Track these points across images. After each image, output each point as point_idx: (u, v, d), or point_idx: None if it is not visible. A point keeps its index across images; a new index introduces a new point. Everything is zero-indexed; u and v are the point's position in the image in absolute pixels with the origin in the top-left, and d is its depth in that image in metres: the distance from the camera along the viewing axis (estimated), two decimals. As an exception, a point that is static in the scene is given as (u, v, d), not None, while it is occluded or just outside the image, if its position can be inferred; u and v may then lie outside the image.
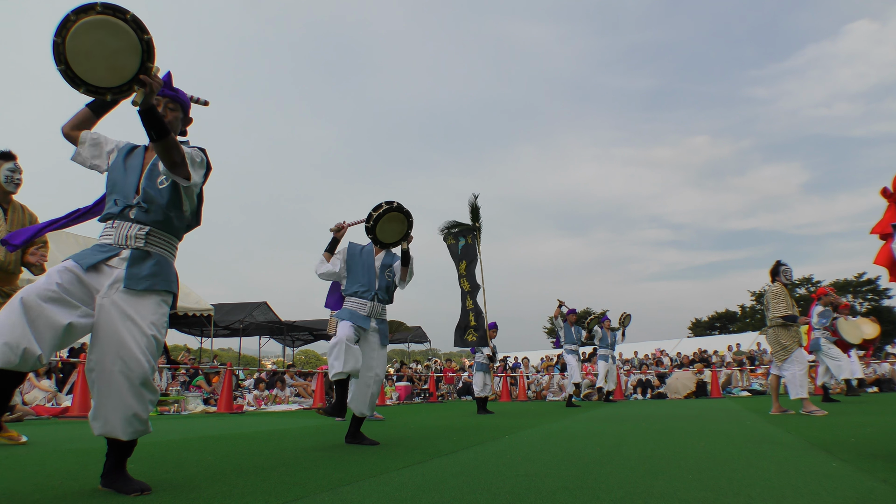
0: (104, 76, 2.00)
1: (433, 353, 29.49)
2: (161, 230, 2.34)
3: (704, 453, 3.27)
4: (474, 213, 9.44)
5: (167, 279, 2.31)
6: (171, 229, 2.39)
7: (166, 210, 2.34)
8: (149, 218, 2.30)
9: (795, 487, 2.20)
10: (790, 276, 6.72)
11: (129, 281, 2.18)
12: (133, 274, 2.20)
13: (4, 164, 3.93)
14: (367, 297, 4.14)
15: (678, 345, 24.64)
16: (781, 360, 6.53)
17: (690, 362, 16.94)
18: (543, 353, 24.45)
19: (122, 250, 2.24)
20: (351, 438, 4.10)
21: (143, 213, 2.29)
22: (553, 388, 15.83)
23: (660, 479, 2.43)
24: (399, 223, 4.03)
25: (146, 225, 2.29)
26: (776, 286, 6.68)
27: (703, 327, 40.51)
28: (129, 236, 2.26)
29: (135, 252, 2.25)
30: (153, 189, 2.32)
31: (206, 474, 2.71)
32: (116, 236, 2.26)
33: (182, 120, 2.52)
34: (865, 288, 36.19)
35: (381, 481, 2.48)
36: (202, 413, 9.59)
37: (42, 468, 2.89)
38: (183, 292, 12.39)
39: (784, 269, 6.72)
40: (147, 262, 2.26)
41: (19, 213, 4.05)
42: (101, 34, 1.92)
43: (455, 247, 9.27)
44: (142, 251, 2.27)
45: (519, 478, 2.53)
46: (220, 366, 12.61)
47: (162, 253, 2.34)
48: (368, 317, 4.11)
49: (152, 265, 2.26)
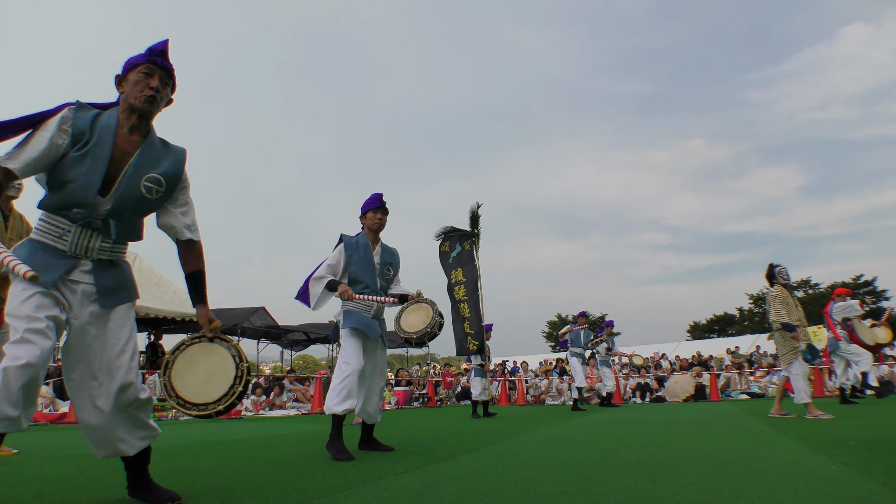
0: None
1: (431, 358, 29.43)
2: (126, 240, 2.11)
3: (704, 456, 3.27)
4: (474, 220, 9.26)
5: (133, 286, 2.12)
6: (137, 236, 2.15)
7: (140, 219, 2.12)
8: (118, 230, 2.01)
9: (795, 490, 2.19)
10: (787, 276, 6.66)
11: (103, 299, 1.97)
12: (104, 289, 1.98)
13: None
14: (369, 293, 3.90)
15: (676, 348, 24.64)
16: (787, 363, 6.52)
17: (689, 365, 16.94)
18: (542, 357, 24.43)
19: (82, 260, 1.98)
20: (365, 445, 4.01)
21: (113, 226, 1.99)
22: (552, 393, 15.81)
23: (659, 483, 2.42)
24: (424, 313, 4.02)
25: (111, 238, 2.02)
26: (776, 289, 6.63)
27: (702, 330, 40.53)
28: (90, 248, 1.99)
29: (97, 262, 2.00)
30: (130, 198, 2.01)
31: (203, 480, 2.70)
32: (73, 244, 1.96)
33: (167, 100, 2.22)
34: (863, 290, 36.28)
35: (379, 486, 2.47)
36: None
37: (40, 474, 2.88)
38: (180, 298, 12.37)
39: (779, 271, 6.66)
40: (112, 272, 2.04)
41: (18, 223, 4.06)
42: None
43: (448, 255, 9.09)
44: (104, 261, 2.03)
45: (518, 482, 2.53)
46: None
47: (122, 259, 2.13)
48: (374, 318, 3.95)
49: (118, 274, 2.06)
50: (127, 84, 2.10)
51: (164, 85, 2.13)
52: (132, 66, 2.11)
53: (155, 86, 2.08)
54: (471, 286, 8.92)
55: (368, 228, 4.06)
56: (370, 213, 4.07)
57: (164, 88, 2.13)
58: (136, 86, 2.07)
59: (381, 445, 4.00)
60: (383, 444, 4.02)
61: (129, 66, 2.12)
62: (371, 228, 4.05)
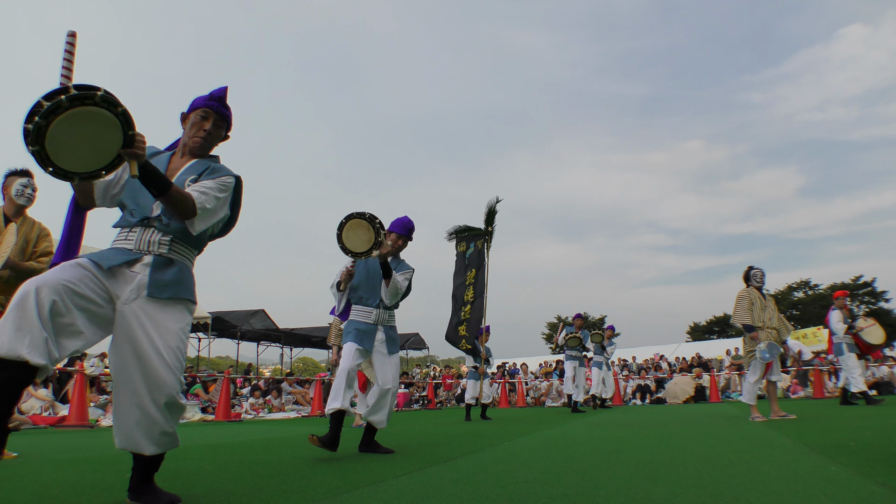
0: (92, 162, 1.87)
1: (431, 360, 29.41)
2: (183, 241, 2.22)
3: (704, 458, 3.27)
4: (490, 216, 8.92)
5: (190, 288, 2.21)
6: (194, 241, 2.28)
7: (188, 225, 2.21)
8: (171, 229, 2.17)
9: (795, 492, 2.19)
10: (761, 279, 6.72)
11: (153, 289, 2.06)
12: (157, 280, 2.08)
13: (18, 179, 4.03)
14: (371, 303, 4.05)
15: (676, 349, 24.64)
16: (748, 364, 6.60)
17: (689, 367, 16.94)
18: (542, 358, 24.42)
19: (145, 255, 2.12)
20: (365, 447, 4.02)
21: (165, 226, 2.16)
22: (552, 394, 15.80)
23: (659, 485, 2.42)
24: (364, 230, 3.77)
25: (169, 234, 2.17)
26: (742, 290, 6.71)
27: (702, 332, 40.53)
28: (151, 242, 2.14)
29: (157, 258, 2.13)
30: None
31: (203, 483, 2.69)
32: (137, 241, 2.13)
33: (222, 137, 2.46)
34: (863, 291, 36.30)
35: (379, 489, 2.47)
36: (200, 421, 9.55)
37: (39, 478, 2.87)
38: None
39: (754, 273, 6.75)
40: (170, 268, 2.14)
41: (28, 227, 4.14)
42: (78, 127, 1.78)
43: (464, 255, 8.89)
44: (165, 258, 2.15)
45: (518, 484, 2.52)
46: (218, 374, 12.56)
47: (184, 261, 2.22)
48: (375, 325, 4.02)
49: (176, 272, 2.15)
50: (187, 123, 2.42)
51: (218, 127, 2.42)
52: (193, 107, 2.41)
53: (208, 128, 2.37)
54: (479, 288, 8.74)
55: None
56: (393, 234, 4.14)
57: (217, 130, 2.41)
58: (192, 127, 2.38)
59: (381, 448, 4.00)
60: (383, 447, 4.02)
61: (192, 106, 2.42)
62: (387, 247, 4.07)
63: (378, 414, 3.98)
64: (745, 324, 6.44)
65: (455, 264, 9.01)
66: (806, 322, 32.96)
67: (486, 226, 8.98)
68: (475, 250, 8.92)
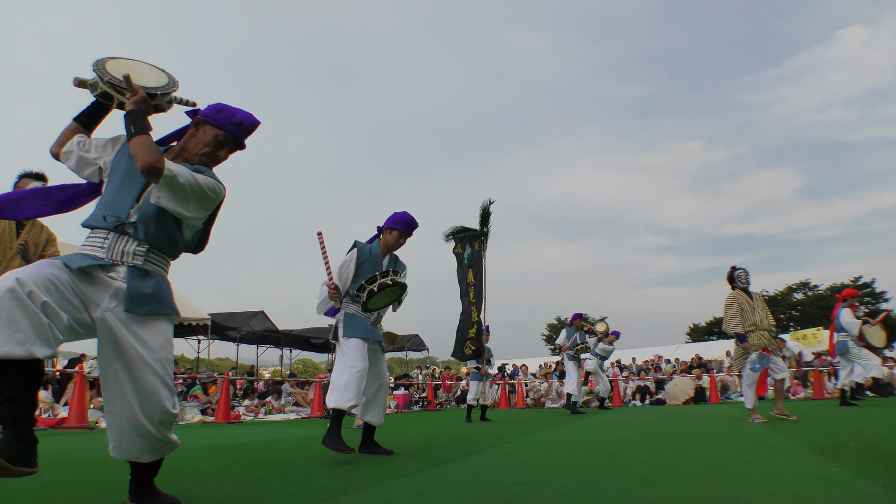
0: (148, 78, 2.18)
1: (431, 362, 29.40)
2: (158, 250, 2.08)
3: (704, 459, 3.27)
4: (485, 217, 8.91)
5: (168, 301, 2.07)
6: (170, 251, 2.14)
7: (168, 232, 2.08)
8: (148, 237, 2.02)
9: (795, 493, 2.19)
10: (745, 279, 6.59)
11: (131, 304, 1.92)
12: (134, 294, 1.94)
13: (31, 183, 4.07)
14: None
15: (676, 350, 24.65)
16: (738, 368, 6.60)
17: (689, 368, 16.93)
18: (542, 360, 24.44)
19: (118, 266, 1.97)
20: (365, 448, 4.01)
21: (142, 232, 2.01)
22: (552, 396, 15.80)
23: (659, 486, 2.42)
24: (391, 294, 3.81)
25: (145, 243, 2.02)
26: (730, 294, 6.54)
27: (701, 333, 40.52)
28: (125, 252, 1.99)
29: (132, 269, 1.99)
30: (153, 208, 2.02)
31: (203, 484, 2.69)
32: (110, 250, 1.98)
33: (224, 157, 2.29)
34: (862, 292, 36.32)
35: (379, 490, 2.47)
36: (199, 423, 9.54)
37: (38, 480, 2.87)
38: (179, 302, 12.34)
39: (738, 274, 6.59)
40: (147, 280, 2.01)
41: (37, 231, 4.23)
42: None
43: (462, 256, 8.84)
44: (140, 269, 2.01)
45: (518, 486, 2.52)
46: (218, 375, 12.56)
47: (159, 272, 2.10)
48: (375, 325, 4.01)
49: (153, 285, 2.01)
50: (200, 130, 2.23)
51: (229, 154, 2.28)
52: (217, 124, 2.21)
53: (222, 156, 2.25)
54: (478, 289, 8.70)
55: (385, 243, 4.07)
56: (396, 232, 4.06)
57: (226, 157, 2.27)
58: (205, 145, 2.21)
59: (381, 449, 4.00)
60: (383, 448, 4.02)
61: (215, 121, 2.22)
62: (388, 245, 4.07)
63: (375, 410, 3.99)
64: (737, 333, 6.36)
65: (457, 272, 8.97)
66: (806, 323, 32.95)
67: (481, 227, 8.97)
68: (472, 251, 8.91)
